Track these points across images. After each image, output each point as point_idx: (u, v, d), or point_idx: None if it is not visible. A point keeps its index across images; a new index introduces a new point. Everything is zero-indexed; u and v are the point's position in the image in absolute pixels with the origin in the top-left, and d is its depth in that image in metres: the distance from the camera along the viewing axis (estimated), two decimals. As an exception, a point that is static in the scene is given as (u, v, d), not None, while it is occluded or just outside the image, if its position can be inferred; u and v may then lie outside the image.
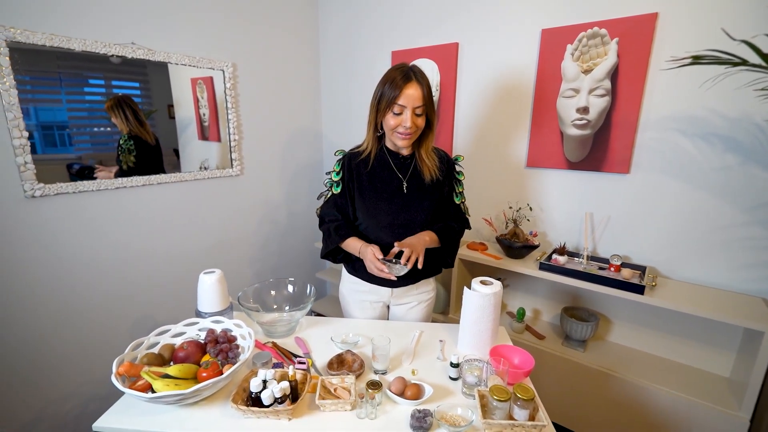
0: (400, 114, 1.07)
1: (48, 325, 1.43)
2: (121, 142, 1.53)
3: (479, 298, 1.06)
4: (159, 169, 1.68)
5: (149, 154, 1.63)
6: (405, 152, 1.19)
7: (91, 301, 1.53)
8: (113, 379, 0.81)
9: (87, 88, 1.44)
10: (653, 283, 1.39)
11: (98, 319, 1.56)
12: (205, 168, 1.86)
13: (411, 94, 1.05)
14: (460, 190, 1.27)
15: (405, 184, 1.18)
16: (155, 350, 0.96)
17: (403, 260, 1.08)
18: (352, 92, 2.29)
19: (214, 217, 1.93)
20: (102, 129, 1.49)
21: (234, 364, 0.92)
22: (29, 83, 1.30)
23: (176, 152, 1.76)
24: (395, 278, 1.13)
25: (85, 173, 1.45)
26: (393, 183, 1.18)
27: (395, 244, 1.11)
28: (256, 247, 2.18)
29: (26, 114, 1.29)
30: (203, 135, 1.85)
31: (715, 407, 1.28)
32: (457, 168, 1.26)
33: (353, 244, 1.19)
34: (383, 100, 1.08)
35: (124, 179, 1.54)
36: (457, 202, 1.27)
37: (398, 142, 1.13)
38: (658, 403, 1.39)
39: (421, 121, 1.10)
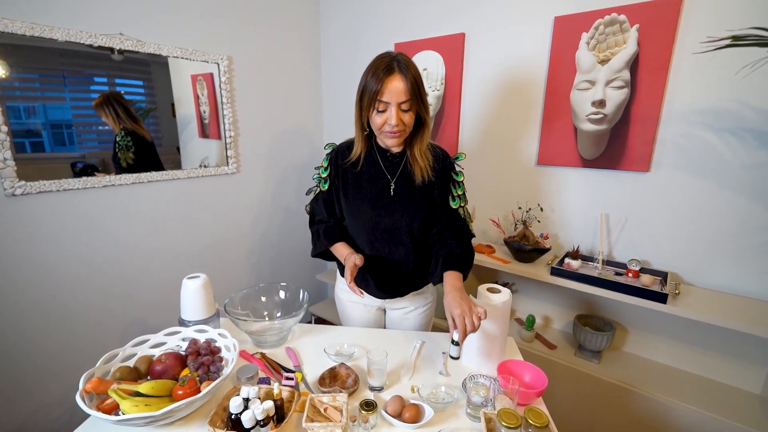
0: (384, 111, 0.96)
1: (33, 327, 1.36)
2: (117, 139, 1.48)
3: (487, 308, 0.96)
4: (157, 166, 1.62)
5: (148, 151, 1.58)
6: (396, 150, 1.07)
7: (79, 302, 1.47)
8: (77, 397, 0.73)
9: (92, 86, 1.41)
10: (677, 291, 1.27)
11: (87, 322, 1.50)
12: (205, 166, 1.80)
13: (394, 88, 0.93)
14: (459, 192, 1.11)
15: (392, 186, 1.08)
16: (131, 363, 0.89)
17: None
18: (354, 86, 2.17)
19: (209, 217, 1.86)
20: (107, 128, 1.46)
21: (215, 378, 0.83)
22: (38, 80, 1.28)
23: (179, 150, 1.71)
24: (362, 295, 1.07)
25: (88, 172, 1.42)
26: (379, 183, 1.08)
27: (454, 338, 0.91)
28: (253, 248, 2.11)
29: (33, 113, 1.28)
30: (203, 132, 1.78)
31: (743, 427, 1.17)
32: (456, 168, 1.12)
33: (341, 250, 1.12)
34: (365, 96, 0.97)
35: (113, 177, 1.47)
36: (454, 207, 1.11)
37: (387, 141, 1.03)
38: (680, 422, 1.28)
39: (409, 117, 0.97)
